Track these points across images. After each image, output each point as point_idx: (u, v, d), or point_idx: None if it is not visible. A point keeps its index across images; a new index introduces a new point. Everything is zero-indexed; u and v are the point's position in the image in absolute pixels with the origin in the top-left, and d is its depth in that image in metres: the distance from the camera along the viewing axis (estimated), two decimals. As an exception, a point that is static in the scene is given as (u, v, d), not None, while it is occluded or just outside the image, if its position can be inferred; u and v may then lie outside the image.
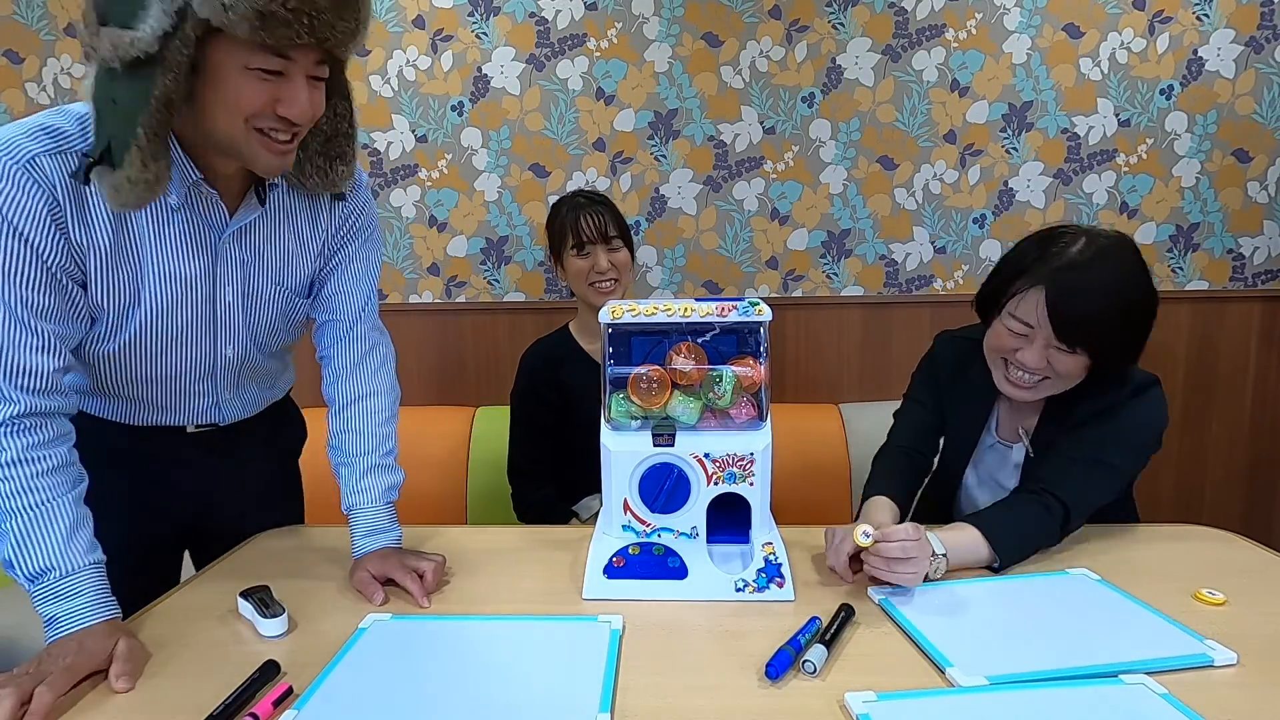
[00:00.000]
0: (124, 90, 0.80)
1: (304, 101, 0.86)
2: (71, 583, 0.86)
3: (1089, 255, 1.08)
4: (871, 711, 0.73)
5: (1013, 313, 1.12)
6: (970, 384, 1.25)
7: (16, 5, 2.13)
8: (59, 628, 0.84)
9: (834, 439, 2.08)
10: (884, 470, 1.27)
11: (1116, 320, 1.07)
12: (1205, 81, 2.05)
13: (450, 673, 0.81)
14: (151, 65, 0.78)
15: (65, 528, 0.87)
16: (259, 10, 0.76)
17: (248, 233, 1.02)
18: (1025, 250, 1.14)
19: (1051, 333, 1.07)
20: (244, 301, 1.04)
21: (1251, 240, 2.13)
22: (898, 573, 0.96)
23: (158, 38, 0.77)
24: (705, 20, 2.08)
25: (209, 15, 0.76)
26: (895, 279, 2.20)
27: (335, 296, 1.13)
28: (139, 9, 0.77)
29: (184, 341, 1.02)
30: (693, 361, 1.00)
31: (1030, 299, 1.09)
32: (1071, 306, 1.06)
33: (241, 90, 0.83)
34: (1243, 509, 2.21)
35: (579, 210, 1.64)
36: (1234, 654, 0.81)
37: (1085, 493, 1.11)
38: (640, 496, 1.01)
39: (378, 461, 1.11)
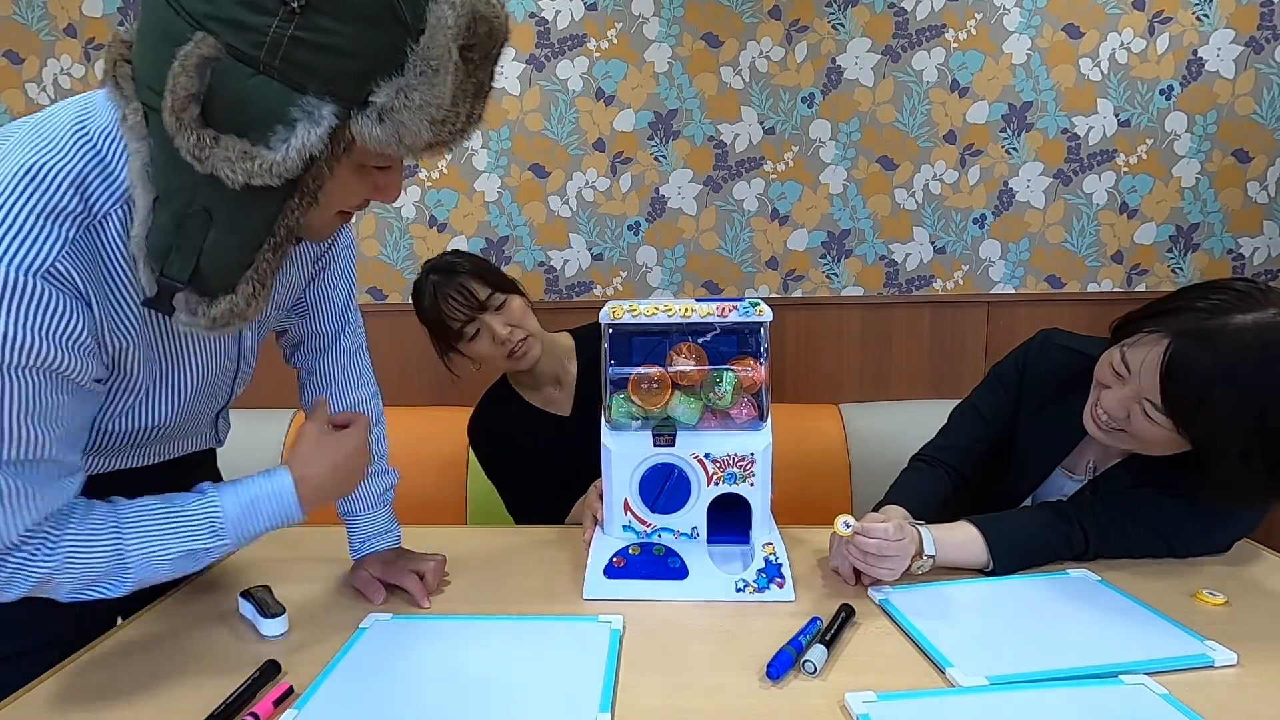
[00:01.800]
0: (232, 208, 0.66)
1: (400, 184, 0.78)
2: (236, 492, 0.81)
3: (1248, 326, 0.86)
4: (872, 711, 0.73)
5: (1124, 349, 0.96)
6: (1064, 408, 1.06)
7: (16, 5, 2.13)
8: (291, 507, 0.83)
9: (834, 439, 2.08)
10: (912, 479, 1.19)
11: (1245, 425, 0.86)
12: (1205, 82, 2.05)
13: (450, 673, 0.81)
14: (284, 189, 0.66)
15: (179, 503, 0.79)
16: (430, 142, 0.67)
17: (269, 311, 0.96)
18: (1185, 294, 0.95)
19: (1155, 391, 0.90)
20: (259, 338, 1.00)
21: (1251, 240, 2.13)
22: (874, 567, 0.96)
23: (304, 163, 0.64)
24: (705, 20, 2.08)
25: (373, 144, 0.65)
26: (895, 279, 2.20)
27: (317, 306, 1.07)
28: (278, 123, 0.63)
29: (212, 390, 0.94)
30: (693, 362, 1.00)
31: (1146, 348, 0.92)
32: (1189, 373, 0.87)
33: (349, 188, 0.73)
34: (1243, 509, 2.21)
35: (438, 297, 1.39)
36: (1234, 654, 0.81)
37: (1119, 547, 1.04)
38: (641, 497, 1.01)
39: (374, 468, 1.09)
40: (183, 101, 0.61)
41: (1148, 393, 0.92)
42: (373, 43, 0.63)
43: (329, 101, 0.63)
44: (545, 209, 2.19)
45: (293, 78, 0.62)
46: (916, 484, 1.19)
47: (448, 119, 0.66)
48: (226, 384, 0.97)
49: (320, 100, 0.63)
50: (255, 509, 0.81)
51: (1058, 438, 1.12)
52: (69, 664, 0.86)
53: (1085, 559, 1.06)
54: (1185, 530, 1.04)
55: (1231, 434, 0.88)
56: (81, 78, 2.16)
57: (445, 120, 0.66)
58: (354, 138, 0.65)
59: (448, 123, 0.67)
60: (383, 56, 0.63)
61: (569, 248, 2.21)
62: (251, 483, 0.82)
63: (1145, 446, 0.98)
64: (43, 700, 0.79)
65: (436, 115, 0.65)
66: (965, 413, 1.24)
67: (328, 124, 0.63)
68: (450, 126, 0.67)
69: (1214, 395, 0.87)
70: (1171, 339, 0.90)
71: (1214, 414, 0.87)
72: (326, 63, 0.62)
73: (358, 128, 0.64)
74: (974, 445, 1.20)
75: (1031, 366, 1.17)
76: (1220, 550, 1.07)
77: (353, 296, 1.12)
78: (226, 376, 0.95)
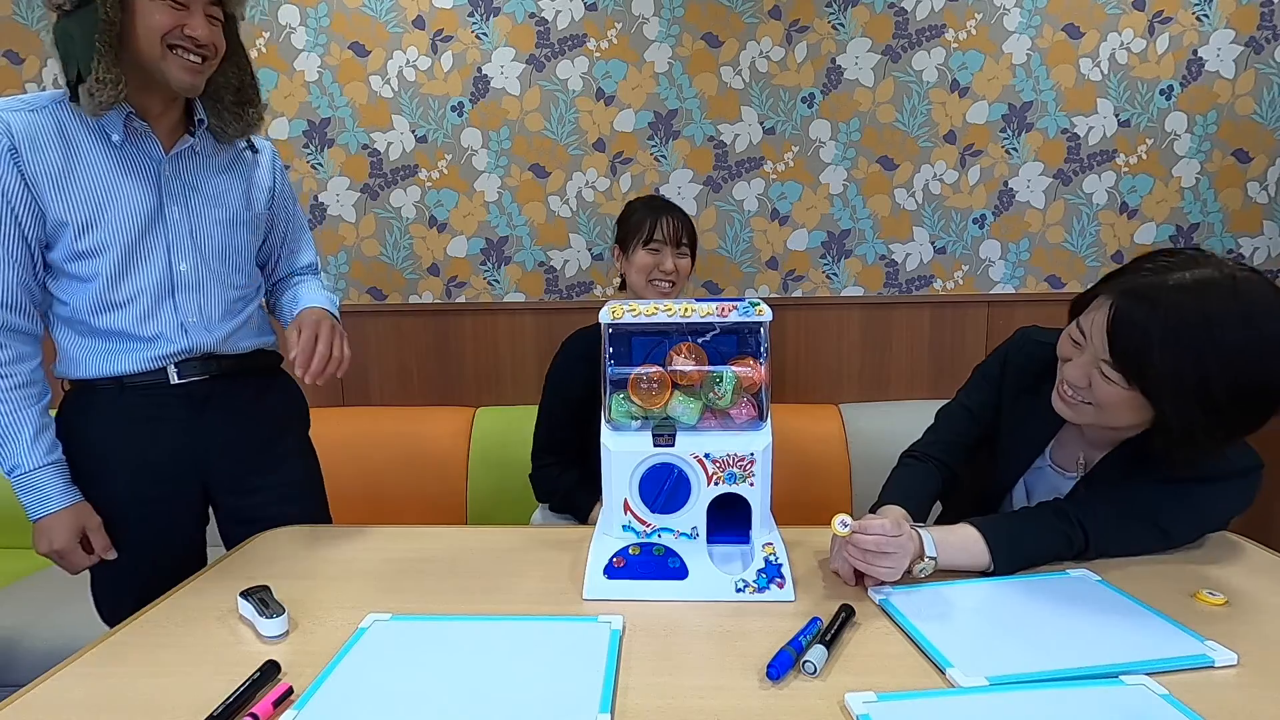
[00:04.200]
0: (76, 24, 1.07)
1: (204, 24, 1.13)
2: (34, 477, 1.14)
3: (1186, 284, 0.91)
4: (872, 712, 0.73)
5: (1079, 320, 1.01)
6: (1039, 398, 1.11)
7: (16, 5, 2.13)
8: (33, 511, 1.14)
9: (834, 439, 2.08)
10: (904, 477, 1.21)
11: (1188, 371, 0.89)
12: (1205, 82, 2.05)
13: (450, 673, 0.81)
14: (92, 0, 1.06)
15: (30, 433, 1.14)
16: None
17: (184, 164, 1.24)
18: (1133, 261, 1.01)
19: (1104, 348, 0.95)
20: (190, 221, 1.24)
21: (1251, 240, 2.13)
22: (874, 566, 0.95)
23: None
24: (705, 21, 2.08)
25: None
26: (895, 279, 2.20)
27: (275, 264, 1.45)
28: None
29: (141, 255, 1.20)
30: (693, 362, 1.00)
31: (1096, 311, 0.98)
32: (1132, 327, 0.92)
33: (153, 15, 1.10)
34: (1243, 509, 2.21)
35: (659, 212, 1.69)
36: (1234, 654, 0.81)
37: (1119, 543, 1.05)
38: (640, 497, 1.01)
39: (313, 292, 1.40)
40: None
41: (1101, 353, 0.96)
42: None
43: None
44: (545, 209, 2.19)
45: None
46: (909, 480, 1.20)
47: None
48: (161, 256, 1.21)
49: None
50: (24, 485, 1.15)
51: (1036, 426, 1.16)
52: (69, 664, 0.86)
53: (1086, 558, 1.06)
54: (1181, 516, 1.05)
55: (1179, 382, 0.90)
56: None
57: None
58: None
59: None
60: None
61: (569, 248, 2.21)
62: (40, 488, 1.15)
63: (1110, 415, 1.00)
64: (43, 700, 0.79)
65: None
66: (952, 410, 1.28)
67: None
68: None
69: (1156, 345, 0.90)
70: (1115, 298, 0.95)
71: (1160, 364, 0.91)
72: None
73: None
74: (961, 440, 1.24)
75: (1011, 362, 1.21)
76: (1218, 527, 1.07)
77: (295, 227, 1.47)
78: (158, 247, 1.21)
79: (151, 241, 1.20)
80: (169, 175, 1.21)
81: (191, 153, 1.24)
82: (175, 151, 1.22)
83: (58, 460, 1.16)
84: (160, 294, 1.21)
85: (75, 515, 1.15)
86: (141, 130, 1.18)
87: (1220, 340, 0.88)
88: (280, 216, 1.42)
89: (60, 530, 1.14)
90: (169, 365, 1.23)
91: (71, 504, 1.16)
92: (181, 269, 1.22)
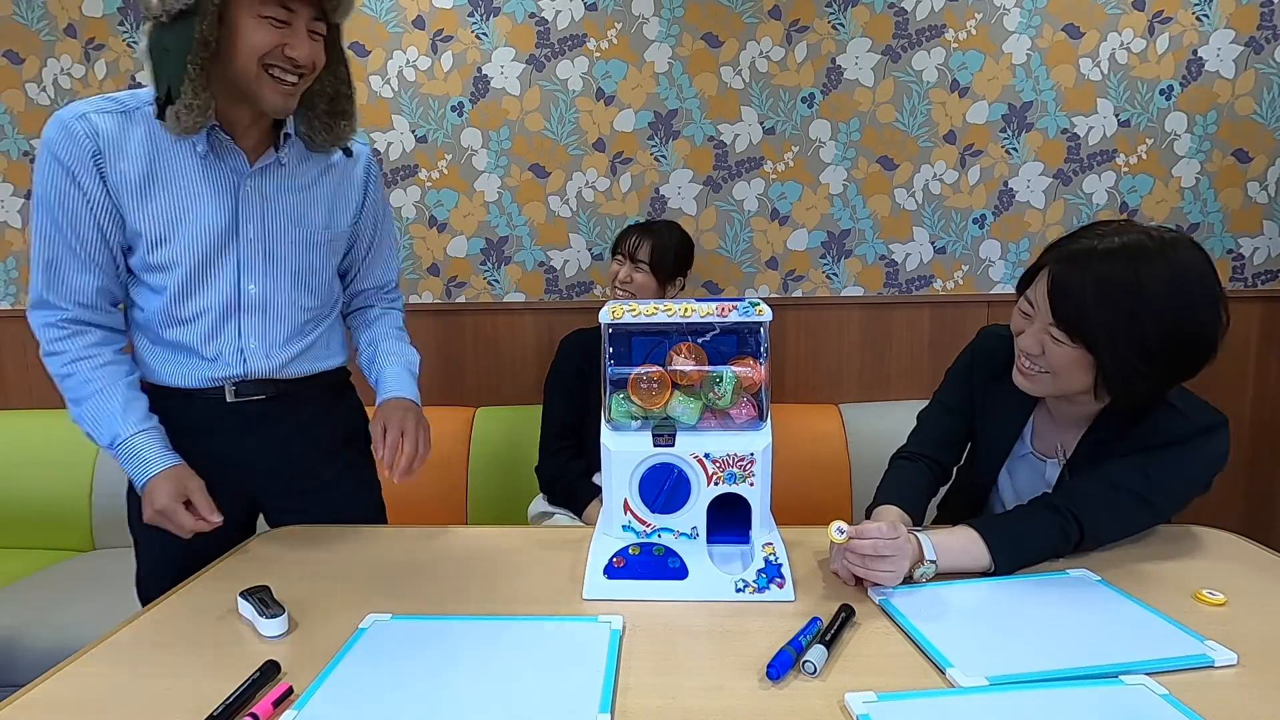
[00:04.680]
0: (171, 38, 1.03)
1: (307, 44, 1.07)
2: (131, 444, 1.12)
3: (1114, 246, 0.99)
4: (872, 712, 0.73)
5: (1026, 293, 1.08)
6: (1008, 385, 1.17)
7: (16, 5, 2.13)
8: (136, 478, 1.12)
9: (834, 439, 2.08)
10: (895, 478, 1.23)
11: (1121, 323, 0.97)
12: (1205, 82, 2.05)
13: (450, 673, 0.81)
14: (191, 15, 1.00)
15: (121, 402, 1.13)
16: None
17: (267, 178, 1.19)
18: (1065, 236, 1.08)
19: (1049, 313, 1.02)
20: (264, 240, 1.20)
21: (1251, 240, 2.13)
22: (873, 570, 0.95)
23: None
24: (705, 21, 2.08)
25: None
26: (895, 279, 2.20)
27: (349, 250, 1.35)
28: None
29: (210, 273, 1.17)
30: (693, 362, 1.00)
31: (1040, 281, 1.05)
32: (1068, 288, 1.00)
33: (254, 34, 1.04)
34: (1243, 509, 2.21)
35: (636, 230, 1.90)
36: (1234, 654, 0.81)
37: (1111, 524, 1.07)
38: (640, 497, 1.01)
39: (396, 348, 1.36)
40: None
41: (1047, 319, 1.03)
42: None
43: None
44: (545, 209, 2.19)
45: None
46: (900, 481, 1.22)
47: None
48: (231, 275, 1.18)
49: None
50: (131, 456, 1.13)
51: (1009, 411, 1.21)
52: (69, 664, 0.86)
53: (1084, 548, 1.06)
54: (1163, 485, 1.06)
55: (1115, 336, 0.98)
56: (82, 77, 2.16)
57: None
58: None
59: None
60: None
61: (569, 248, 2.21)
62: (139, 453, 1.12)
63: (1066, 379, 1.05)
64: (43, 700, 0.79)
65: None
66: (931, 409, 1.32)
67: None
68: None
69: (1091, 304, 0.98)
70: (1052, 265, 1.03)
71: (1097, 320, 0.98)
72: None
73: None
74: (946, 436, 1.28)
75: (977, 357, 1.26)
76: (1200, 490, 1.09)
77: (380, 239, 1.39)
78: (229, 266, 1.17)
79: (222, 260, 1.17)
80: (249, 190, 1.17)
81: (277, 165, 1.19)
82: (259, 166, 1.17)
83: (152, 427, 1.14)
84: (225, 314, 1.19)
85: (176, 477, 1.11)
86: (226, 143, 1.14)
87: (1150, 295, 0.96)
88: (365, 231, 1.35)
89: (161, 492, 1.09)
90: (225, 385, 1.21)
91: (170, 466, 1.12)
92: (250, 290, 1.19)
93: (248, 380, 1.22)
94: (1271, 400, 2.18)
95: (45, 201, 1.10)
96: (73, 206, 1.10)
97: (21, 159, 2.20)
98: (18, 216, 2.23)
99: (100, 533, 2.15)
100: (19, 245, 2.24)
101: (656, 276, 1.84)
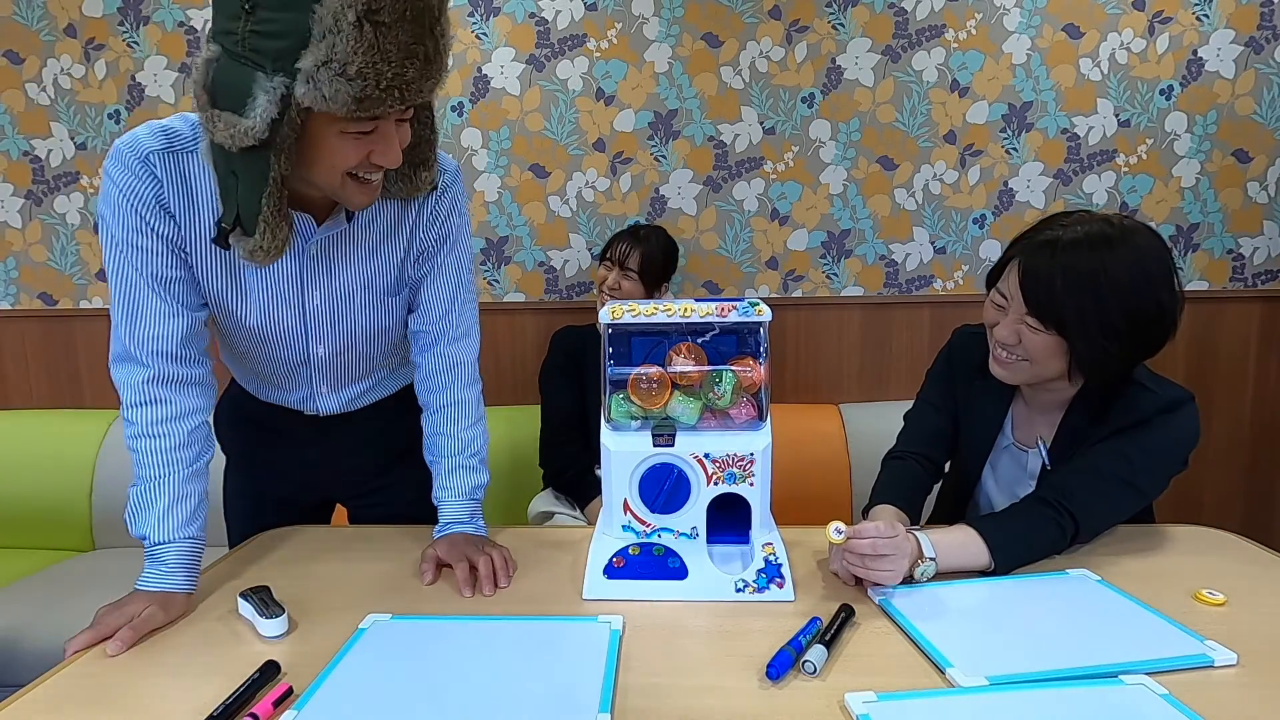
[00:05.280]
0: (243, 167, 0.88)
1: (395, 149, 0.93)
2: (161, 551, 0.99)
3: (1079, 236, 1.04)
4: (871, 712, 0.73)
5: (998, 285, 1.12)
6: (987, 379, 1.20)
7: (16, 5, 2.13)
8: (145, 582, 0.98)
9: (834, 439, 2.08)
10: (889, 478, 1.24)
11: (1090, 306, 1.02)
12: (1205, 82, 2.05)
13: (450, 673, 0.81)
14: (265, 148, 0.85)
15: (165, 504, 1.00)
16: (356, 97, 0.81)
17: (333, 242, 1.07)
18: (1030, 228, 1.12)
19: (1022, 303, 1.06)
20: (332, 306, 1.10)
21: (1251, 240, 2.13)
22: (873, 569, 0.95)
23: (268, 125, 0.83)
24: (705, 20, 2.08)
25: (311, 104, 0.82)
26: (895, 279, 2.20)
27: (420, 305, 1.17)
28: (247, 98, 0.82)
29: (278, 338, 1.11)
30: (693, 362, 1.00)
31: (1010, 273, 1.09)
32: (1038, 278, 1.04)
33: (338, 151, 0.90)
34: (1243, 509, 2.21)
35: (625, 237, 1.93)
36: (1234, 654, 0.81)
37: (1102, 511, 1.08)
38: (640, 497, 1.01)
39: (463, 463, 1.17)
40: (198, 90, 0.85)
41: (1020, 308, 1.07)
42: (295, 21, 0.79)
43: (280, 75, 0.81)
44: (545, 209, 2.19)
45: (255, 61, 0.82)
46: (894, 479, 1.24)
47: (364, 75, 0.80)
48: (300, 342, 1.12)
49: (273, 75, 0.81)
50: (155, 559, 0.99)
51: (990, 404, 1.24)
52: (69, 664, 0.86)
53: (1080, 540, 1.08)
54: (1142, 465, 1.08)
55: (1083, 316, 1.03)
56: (82, 77, 2.16)
57: (362, 77, 0.80)
58: (299, 101, 0.82)
59: (365, 79, 0.80)
60: (303, 31, 0.79)
61: (569, 248, 2.21)
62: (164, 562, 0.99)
63: (1042, 365, 1.09)
64: (43, 700, 0.79)
65: (348, 72, 0.79)
66: (917, 409, 1.34)
67: (279, 93, 0.81)
68: (373, 84, 0.81)
69: (1060, 289, 1.03)
70: (1022, 257, 1.07)
71: (1066, 304, 1.03)
72: (270, 45, 0.81)
73: (298, 92, 0.81)
74: (934, 433, 1.30)
75: (955, 355, 1.30)
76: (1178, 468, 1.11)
77: (459, 305, 1.18)
78: (296, 332, 1.11)
79: (287, 324, 1.10)
80: (316, 254, 1.06)
81: (347, 228, 1.07)
82: (325, 231, 1.05)
83: (182, 539, 1.00)
84: (294, 368, 1.17)
85: (163, 603, 0.95)
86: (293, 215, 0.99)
87: (1114, 280, 1.02)
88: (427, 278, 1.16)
89: (139, 604, 0.94)
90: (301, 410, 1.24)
91: (166, 591, 0.97)
92: (318, 351, 1.14)
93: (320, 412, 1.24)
94: (1271, 400, 2.18)
95: (116, 242, 0.97)
96: (148, 245, 0.98)
97: (21, 159, 2.20)
98: (18, 217, 2.23)
99: (100, 533, 2.15)
100: (19, 245, 2.24)
101: (644, 283, 1.90)
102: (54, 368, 2.28)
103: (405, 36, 0.81)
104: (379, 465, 1.32)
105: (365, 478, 1.32)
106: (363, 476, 1.32)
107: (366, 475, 1.32)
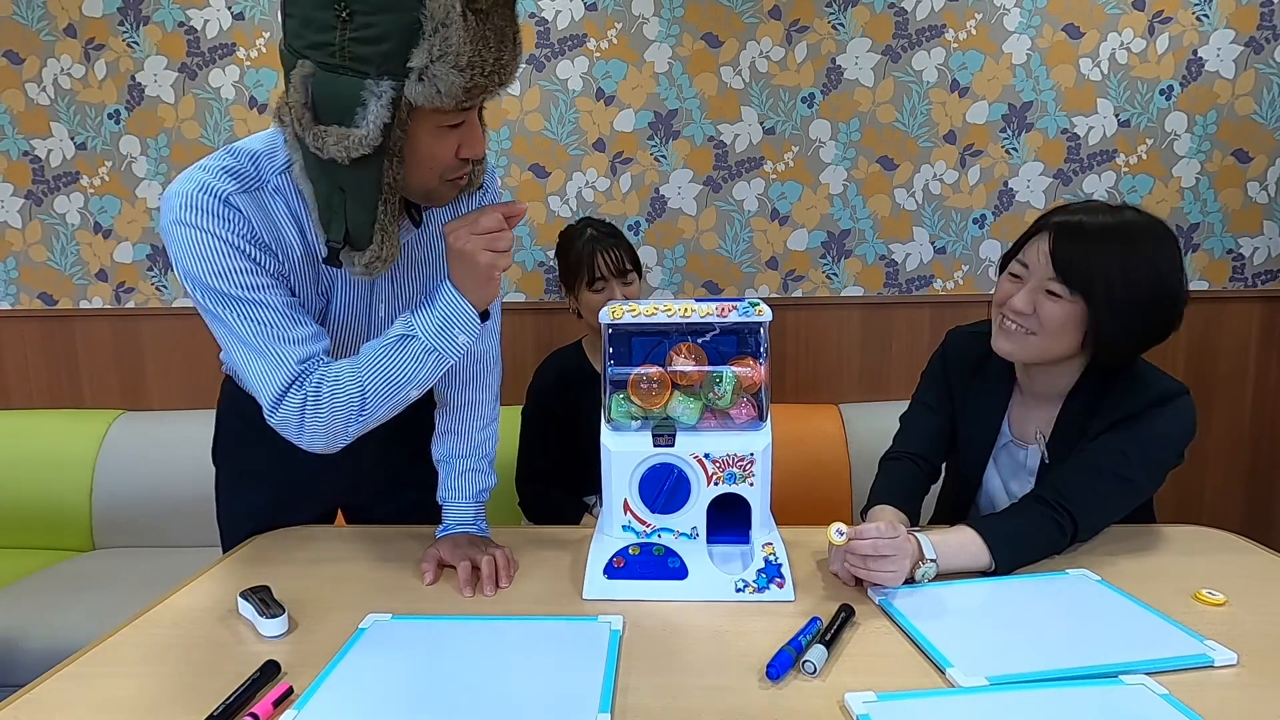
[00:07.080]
0: (352, 179, 0.87)
1: (481, 139, 0.94)
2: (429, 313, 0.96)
3: (1107, 217, 1.08)
4: (871, 712, 0.73)
5: (1018, 257, 1.13)
6: (983, 379, 1.22)
7: (16, 5, 2.13)
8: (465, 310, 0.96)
9: (834, 439, 2.08)
10: (887, 479, 1.24)
11: (1117, 275, 1.04)
12: (1205, 82, 2.05)
13: (450, 673, 0.81)
14: (377, 155, 0.85)
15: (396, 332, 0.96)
16: (467, 88, 0.83)
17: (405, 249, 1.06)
18: (1048, 211, 1.15)
19: (1049, 268, 1.07)
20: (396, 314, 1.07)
21: (1251, 240, 2.13)
22: (874, 570, 0.95)
23: (381, 130, 0.83)
24: (705, 21, 2.08)
25: (424, 101, 0.83)
26: (895, 279, 2.20)
27: None
28: (356, 106, 0.83)
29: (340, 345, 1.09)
30: (693, 362, 1.00)
31: (1034, 245, 1.11)
32: (1072, 237, 1.07)
33: (435, 148, 0.90)
34: (1243, 509, 2.21)
35: (595, 245, 1.63)
36: (1234, 654, 0.81)
37: (1100, 509, 1.08)
38: (640, 497, 1.01)
39: (474, 465, 1.19)
40: (299, 110, 0.84)
41: (1046, 273, 1.08)
42: (399, 23, 0.80)
43: (386, 79, 0.82)
44: (545, 209, 2.19)
45: (358, 69, 0.82)
46: (892, 480, 1.24)
47: (473, 64, 0.82)
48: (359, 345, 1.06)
49: (379, 80, 0.82)
50: (448, 323, 0.95)
51: (988, 401, 1.25)
52: (69, 664, 0.86)
53: (1079, 538, 1.08)
54: (1138, 459, 1.09)
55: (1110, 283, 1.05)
56: (82, 77, 2.16)
57: (471, 65, 0.82)
58: (410, 101, 0.83)
59: (475, 67, 0.83)
60: (410, 30, 0.80)
61: (569, 248, 2.21)
62: (432, 306, 0.96)
63: (1052, 339, 1.10)
64: (43, 700, 0.79)
65: (460, 63, 0.81)
66: (913, 410, 1.34)
67: (389, 96, 0.82)
68: (479, 70, 0.83)
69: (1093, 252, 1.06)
70: (1052, 230, 1.09)
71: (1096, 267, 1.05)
72: (374, 50, 0.81)
73: (409, 91, 0.82)
74: (931, 433, 1.30)
75: (949, 355, 1.31)
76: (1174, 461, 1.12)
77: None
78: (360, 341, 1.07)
79: (356, 337, 1.09)
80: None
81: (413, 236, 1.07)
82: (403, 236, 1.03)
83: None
84: None
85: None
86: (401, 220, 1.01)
87: (1139, 249, 1.06)
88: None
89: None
90: None
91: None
92: None
93: None
94: (1271, 400, 2.18)
95: (225, 295, 0.92)
96: (264, 283, 0.94)
97: (21, 159, 2.20)
98: (17, 217, 2.23)
99: (100, 533, 2.15)
100: (19, 245, 2.23)
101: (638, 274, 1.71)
102: (54, 368, 2.28)
103: (500, 21, 0.85)
104: (387, 474, 1.30)
105: (376, 485, 1.31)
106: (372, 485, 1.31)
107: (378, 483, 1.31)
